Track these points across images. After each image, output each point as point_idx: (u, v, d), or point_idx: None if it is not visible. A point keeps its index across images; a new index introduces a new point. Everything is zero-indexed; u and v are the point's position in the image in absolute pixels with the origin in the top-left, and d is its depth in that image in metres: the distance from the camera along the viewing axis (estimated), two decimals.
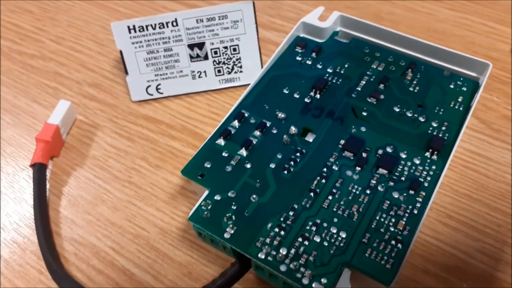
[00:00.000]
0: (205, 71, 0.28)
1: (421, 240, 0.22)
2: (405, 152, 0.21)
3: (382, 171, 0.20)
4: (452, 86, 0.23)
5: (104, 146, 0.26)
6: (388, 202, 0.19)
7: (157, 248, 0.22)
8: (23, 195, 0.25)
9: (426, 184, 0.19)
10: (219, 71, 0.28)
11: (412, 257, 0.21)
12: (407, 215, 0.19)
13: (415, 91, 0.23)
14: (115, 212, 0.24)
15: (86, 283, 0.21)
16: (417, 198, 0.19)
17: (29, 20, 0.34)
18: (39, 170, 0.24)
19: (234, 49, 0.28)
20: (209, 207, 0.19)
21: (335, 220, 0.19)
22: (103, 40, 0.32)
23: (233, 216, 0.19)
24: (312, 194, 0.19)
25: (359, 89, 0.23)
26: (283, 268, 0.17)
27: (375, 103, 0.23)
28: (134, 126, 0.27)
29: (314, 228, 0.18)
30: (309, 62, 0.25)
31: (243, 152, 0.21)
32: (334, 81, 0.24)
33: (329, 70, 0.24)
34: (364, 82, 0.23)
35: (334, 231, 0.18)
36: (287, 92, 0.23)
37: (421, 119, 0.22)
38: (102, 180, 0.25)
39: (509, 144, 0.25)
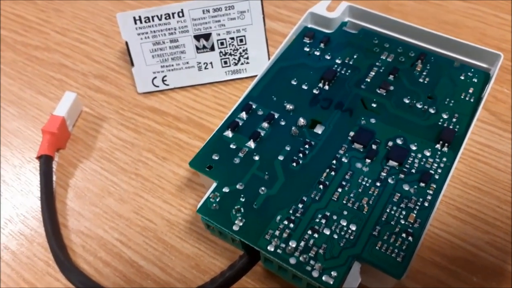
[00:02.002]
0: (211, 63, 0.28)
1: (430, 232, 0.21)
2: (416, 144, 0.20)
3: (392, 163, 0.20)
4: (462, 78, 0.23)
5: (111, 138, 0.26)
6: (399, 194, 0.19)
7: (165, 240, 0.22)
8: (29, 187, 0.25)
9: (436, 177, 0.19)
10: (225, 62, 0.28)
11: (421, 250, 0.21)
12: (417, 207, 0.18)
13: (425, 82, 0.23)
14: (122, 204, 0.23)
15: (93, 275, 0.21)
16: (427, 191, 0.19)
17: (33, 11, 0.34)
18: (45, 162, 0.24)
19: (241, 40, 0.28)
20: (217, 199, 0.19)
21: (345, 212, 0.18)
22: (109, 31, 0.32)
23: (242, 209, 0.19)
24: (321, 186, 0.19)
25: (368, 80, 0.23)
26: (292, 261, 0.17)
27: (384, 94, 0.22)
28: (140, 118, 0.27)
29: (323, 221, 0.18)
30: (317, 53, 0.24)
31: (251, 144, 0.21)
32: (342, 72, 0.23)
33: (338, 61, 0.24)
34: (373, 73, 0.23)
35: (344, 223, 0.18)
36: (295, 83, 0.23)
37: (431, 111, 0.21)
38: (108, 172, 0.25)
39: None
